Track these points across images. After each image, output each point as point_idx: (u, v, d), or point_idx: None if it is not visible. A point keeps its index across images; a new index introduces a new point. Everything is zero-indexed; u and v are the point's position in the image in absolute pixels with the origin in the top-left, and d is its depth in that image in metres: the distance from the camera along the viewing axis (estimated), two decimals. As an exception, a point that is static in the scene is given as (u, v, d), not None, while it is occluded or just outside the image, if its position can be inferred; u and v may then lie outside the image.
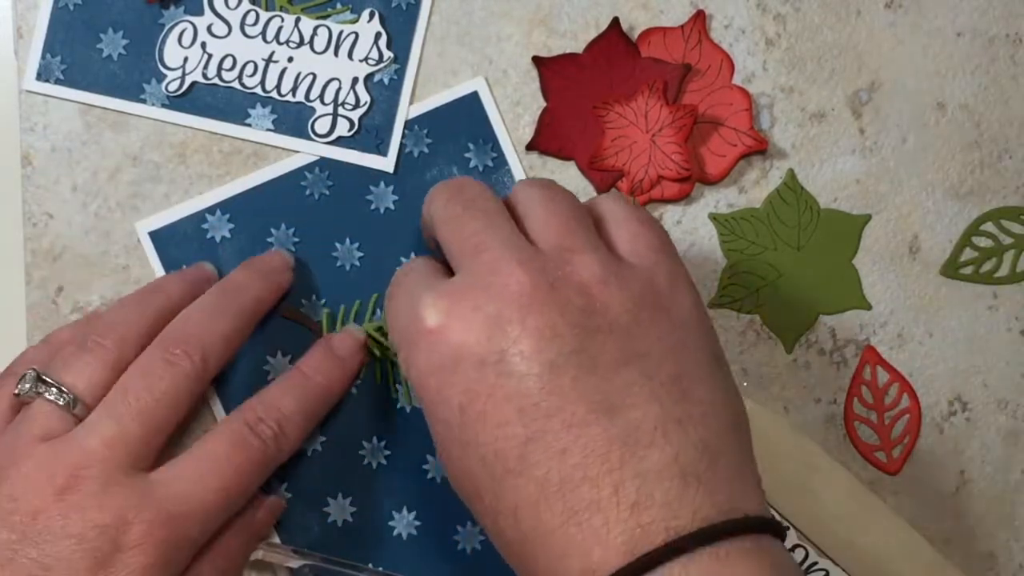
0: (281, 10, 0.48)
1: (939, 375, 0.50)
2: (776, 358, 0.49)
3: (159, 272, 0.48)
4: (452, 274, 0.40)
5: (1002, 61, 0.50)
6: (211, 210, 0.48)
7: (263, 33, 0.48)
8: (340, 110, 0.48)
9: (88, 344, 0.42)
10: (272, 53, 0.48)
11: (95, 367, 0.42)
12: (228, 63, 0.48)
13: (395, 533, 0.48)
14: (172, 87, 0.48)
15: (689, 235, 0.49)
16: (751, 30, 0.49)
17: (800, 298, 0.49)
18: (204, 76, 0.48)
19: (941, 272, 0.50)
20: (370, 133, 0.48)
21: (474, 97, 0.49)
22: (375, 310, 0.48)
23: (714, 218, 0.49)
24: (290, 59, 0.48)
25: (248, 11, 0.48)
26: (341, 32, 0.48)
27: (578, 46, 0.49)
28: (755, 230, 0.49)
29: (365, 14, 0.48)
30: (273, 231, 0.48)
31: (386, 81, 0.48)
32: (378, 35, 0.48)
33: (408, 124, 0.49)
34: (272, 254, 0.47)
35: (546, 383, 0.36)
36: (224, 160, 0.48)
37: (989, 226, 0.50)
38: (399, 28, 0.48)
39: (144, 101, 0.48)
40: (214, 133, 0.48)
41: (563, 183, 0.49)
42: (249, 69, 0.48)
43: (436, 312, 0.37)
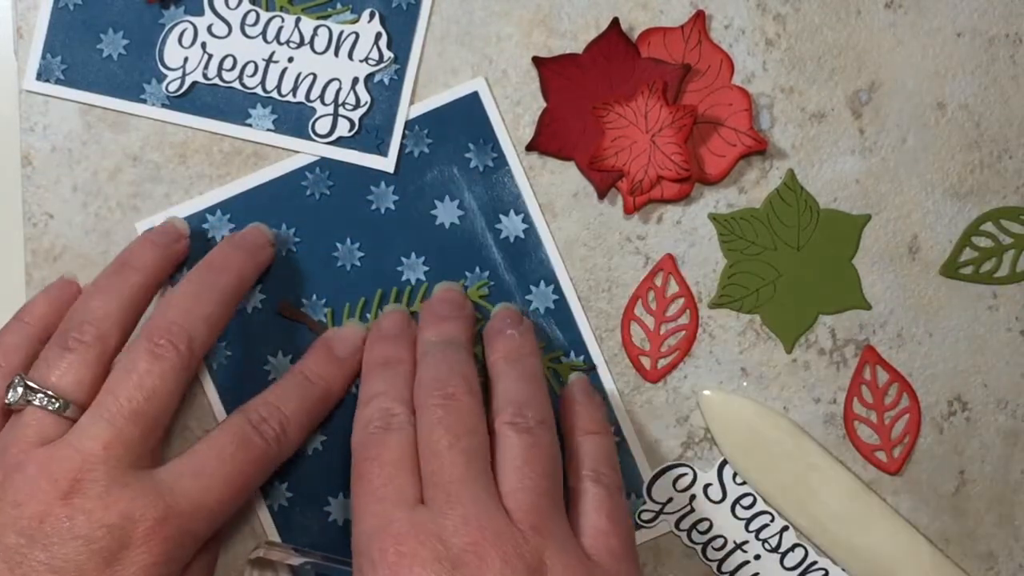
0: (281, 10, 0.48)
1: (939, 375, 0.50)
2: (776, 358, 0.50)
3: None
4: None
5: (1002, 61, 0.50)
6: (211, 210, 0.48)
7: (263, 33, 0.48)
8: (340, 110, 0.48)
9: (69, 343, 0.42)
10: (272, 53, 0.48)
11: (79, 366, 0.42)
12: (228, 63, 0.48)
13: None
14: (172, 87, 0.48)
15: (689, 235, 0.49)
16: (751, 30, 0.49)
17: (800, 298, 0.49)
18: (204, 76, 0.48)
19: (941, 272, 0.50)
20: (370, 133, 0.48)
21: (474, 97, 0.49)
22: (377, 309, 0.48)
23: (714, 218, 0.49)
24: (290, 59, 0.48)
25: (248, 11, 0.48)
26: (341, 32, 0.48)
27: (578, 46, 0.49)
28: (755, 230, 0.49)
29: (365, 14, 0.48)
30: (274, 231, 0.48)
31: (386, 81, 0.49)
32: (378, 35, 0.48)
33: (408, 124, 0.49)
34: (252, 229, 0.47)
35: None
36: (224, 160, 0.48)
37: (989, 226, 0.50)
38: (399, 28, 0.48)
39: (144, 101, 0.48)
40: (214, 133, 0.48)
41: (563, 183, 0.49)
42: (249, 69, 0.48)
43: (400, 545, 0.39)
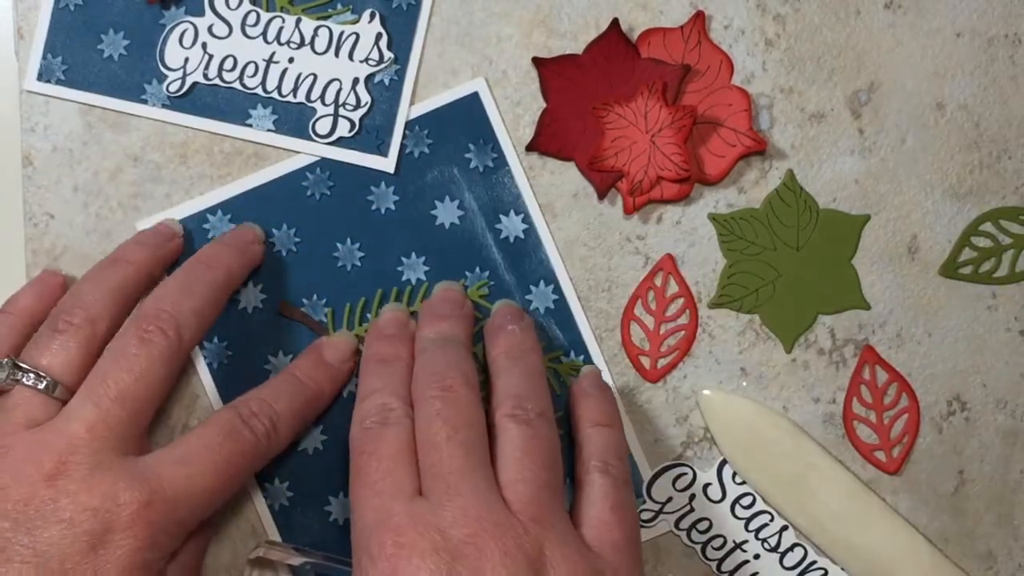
0: (282, 11, 0.48)
1: (938, 375, 0.50)
2: (775, 358, 0.50)
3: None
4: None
5: (1001, 62, 0.50)
6: (212, 210, 0.48)
7: (264, 34, 0.48)
8: (341, 111, 0.48)
9: (59, 325, 0.43)
10: (273, 54, 0.48)
11: (70, 347, 0.42)
12: (229, 64, 0.48)
13: None
14: (173, 87, 0.48)
15: (688, 235, 0.49)
16: (750, 31, 0.49)
17: (799, 298, 0.49)
18: (205, 76, 0.48)
19: (940, 272, 0.50)
20: (371, 134, 0.48)
21: (474, 98, 0.49)
22: (377, 309, 0.48)
23: (713, 218, 0.49)
24: (291, 60, 0.48)
25: (249, 12, 0.48)
26: (342, 33, 0.48)
27: (578, 47, 0.49)
28: (754, 230, 0.49)
29: (366, 15, 0.48)
30: (274, 231, 0.48)
31: (386, 82, 0.49)
32: (379, 36, 0.48)
33: (408, 124, 0.49)
34: (242, 227, 0.48)
35: None
36: (225, 160, 0.48)
37: (988, 226, 0.50)
38: (399, 29, 0.49)
39: (145, 101, 0.48)
40: (215, 133, 0.48)
41: (563, 184, 0.49)
42: (250, 70, 0.48)
43: (399, 537, 0.39)
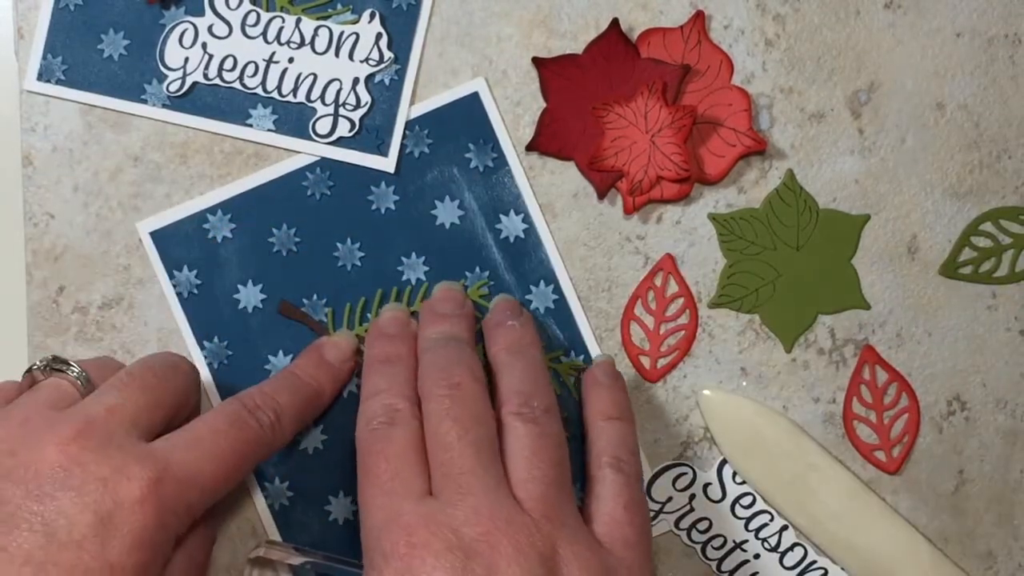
0: (282, 11, 0.48)
1: (938, 374, 0.50)
2: (775, 357, 0.50)
3: (160, 273, 0.48)
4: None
5: (1001, 61, 0.50)
6: (212, 210, 0.48)
7: (264, 34, 0.48)
8: (341, 111, 0.48)
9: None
10: (273, 54, 0.48)
11: (107, 367, 0.44)
12: (229, 63, 0.48)
13: None
14: (173, 87, 0.48)
15: (688, 235, 0.49)
16: (750, 30, 0.49)
17: (799, 298, 0.49)
18: (205, 76, 0.48)
19: (940, 272, 0.50)
20: (371, 134, 0.49)
21: (474, 98, 0.49)
22: (377, 309, 0.48)
23: (713, 218, 0.49)
24: (291, 60, 0.48)
25: (249, 12, 0.48)
26: (342, 33, 0.48)
27: (578, 47, 0.49)
28: (754, 230, 0.49)
29: (366, 15, 0.48)
30: (275, 231, 0.48)
31: (387, 82, 0.49)
32: (379, 36, 0.48)
33: (409, 124, 0.49)
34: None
35: None
36: (225, 160, 0.48)
37: (988, 226, 0.50)
38: (399, 29, 0.49)
39: (145, 101, 0.48)
40: (215, 133, 0.48)
41: (563, 184, 0.49)
42: (250, 70, 0.48)
43: (411, 536, 0.39)
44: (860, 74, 0.49)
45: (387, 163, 0.49)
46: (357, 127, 0.48)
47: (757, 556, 0.50)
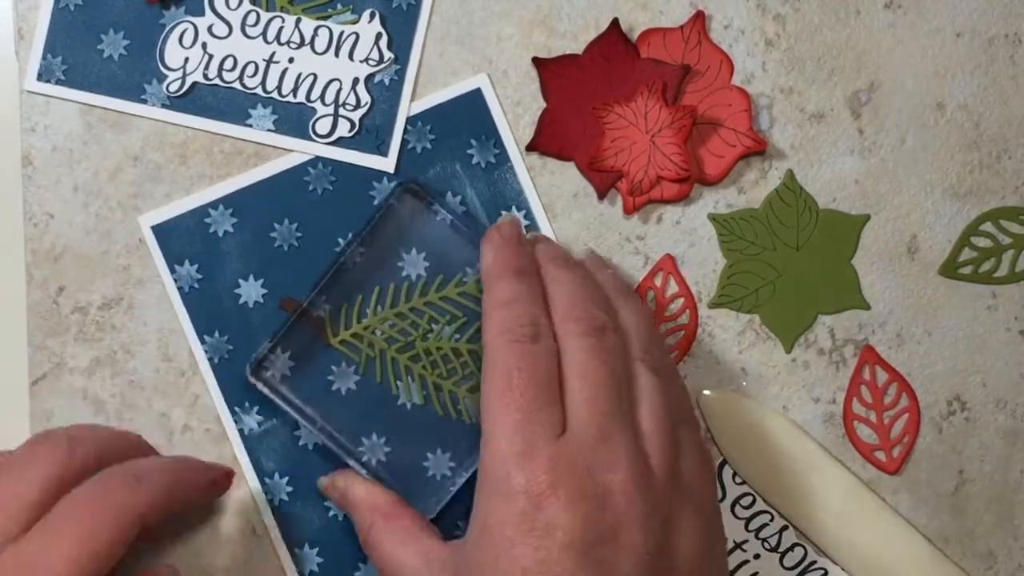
0: (282, 11, 0.48)
1: (938, 375, 0.50)
2: (775, 358, 0.50)
3: (162, 267, 0.48)
4: None
5: (1001, 61, 0.50)
6: (214, 205, 0.48)
7: (264, 34, 0.48)
8: (341, 111, 0.48)
9: None
10: (273, 54, 0.48)
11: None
12: (229, 63, 0.48)
13: None
14: (173, 87, 0.48)
15: (688, 235, 0.49)
16: (750, 30, 0.49)
17: (799, 298, 0.49)
18: (205, 76, 0.48)
19: (940, 272, 0.50)
20: (371, 134, 0.49)
21: (477, 94, 0.49)
22: (376, 305, 0.48)
23: (713, 218, 0.49)
24: (291, 60, 0.48)
25: (249, 11, 0.48)
26: (342, 33, 0.48)
27: (578, 47, 0.49)
28: (754, 230, 0.49)
29: (366, 15, 0.48)
30: (276, 226, 0.48)
31: (386, 82, 0.49)
32: (379, 36, 0.48)
33: (411, 120, 0.49)
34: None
35: None
36: (225, 160, 0.48)
37: (988, 226, 0.50)
38: (399, 29, 0.49)
39: (145, 101, 0.48)
40: (215, 133, 0.48)
41: (563, 184, 0.49)
42: (250, 70, 0.48)
43: (549, 474, 0.39)
44: (860, 74, 0.49)
45: (387, 163, 0.49)
46: (357, 127, 0.48)
47: (757, 556, 0.50)
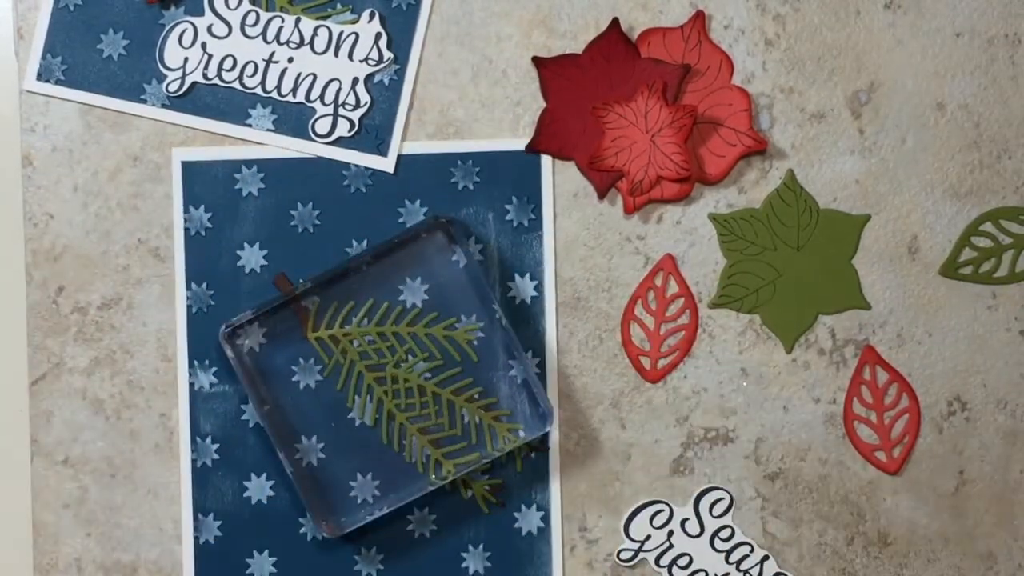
0: (281, 11, 0.48)
1: (938, 375, 0.50)
2: (776, 358, 0.50)
3: (177, 203, 0.48)
4: None
5: (1001, 61, 0.50)
6: (248, 164, 0.48)
7: (263, 33, 0.48)
8: (340, 110, 0.48)
9: None
10: (272, 53, 0.48)
11: None
12: (228, 63, 0.48)
13: (300, 532, 0.49)
14: (172, 87, 0.48)
15: (689, 235, 0.49)
16: (751, 30, 0.49)
17: (799, 298, 0.49)
18: (204, 76, 0.48)
19: (940, 272, 0.50)
20: (370, 133, 0.48)
21: (535, 158, 0.49)
22: (364, 318, 0.48)
23: (714, 218, 0.49)
24: (290, 59, 0.48)
25: (248, 12, 0.48)
26: (341, 32, 0.48)
27: (578, 47, 0.49)
28: (754, 230, 0.49)
29: (365, 15, 0.48)
30: (300, 206, 0.48)
31: (386, 81, 0.49)
32: (378, 35, 0.48)
33: (462, 157, 0.49)
34: None
35: None
36: (224, 160, 0.48)
37: (988, 226, 0.50)
38: (399, 28, 0.49)
39: (144, 101, 0.48)
40: (215, 133, 0.48)
41: (563, 184, 0.49)
42: (249, 69, 0.48)
43: None
44: (860, 74, 0.49)
45: (386, 163, 0.49)
46: (356, 127, 0.48)
47: None
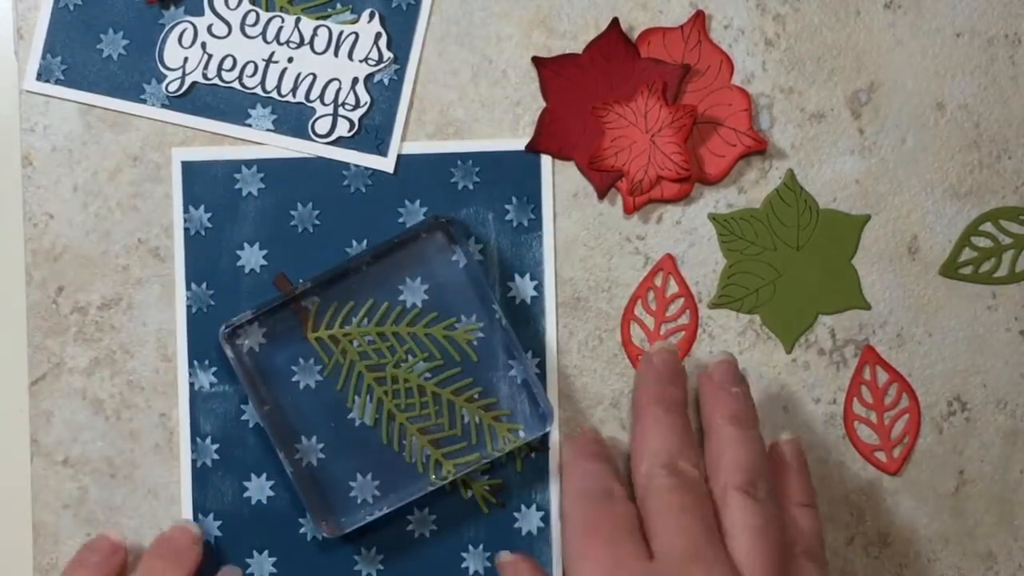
0: (281, 10, 0.48)
1: (938, 375, 0.50)
2: (776, 358, 0.50)
3: (177, 203, 0.48)
4: None
5: (1001, 61, 0.50)
6: (248, 163, 0.48)
7: (263, 33, 0.48)
8: (340, 110, 0.48)
9: None
10: (272, 53, 0.48)
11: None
12: (228, 63, 0.48)
13: (300, 532, 0.48)
14: (172, 87, 0.48)
15: (689, 235, 0.49)
16: (750, 30, 0.49)
17: (799, 298, 0.49)
18: (204, 76, 0.48)
19: (940, 272, 0.50)
20: (370, 133, 0.48)
21: (536, 157, 0.49)
22: (364, 318, 0.48)
23: (714, 218, 0.49)
24: (290, 59, 0.48)
25: (248, 11, 0.48)
26: (341, 32, 0.48)
27: (578, 46, 0.49)
28: (754, 230, 0.49)
29: (365, 14, 0.48)
30: (300, 206, 0.48)
31: (386, 81, 0.49)
32: (378, 35, 0.48)
33: (462, 157, 0.49)
34: (180, 531, 0.47)
35: None
36: (224, 160, 0.48)
37: (988, 226, 0.50)
38: (399, 28, 0.49)
39: (144, 101, 0.48)
40: (215, 133, 0.48)
41: (563, 184, 0.49)
42: (249, 69, 0.48)
43: None
44: (860, 74, 0.49)
45: (386, 163, 0.49)
46: (356, 127, 0.48)
47: None
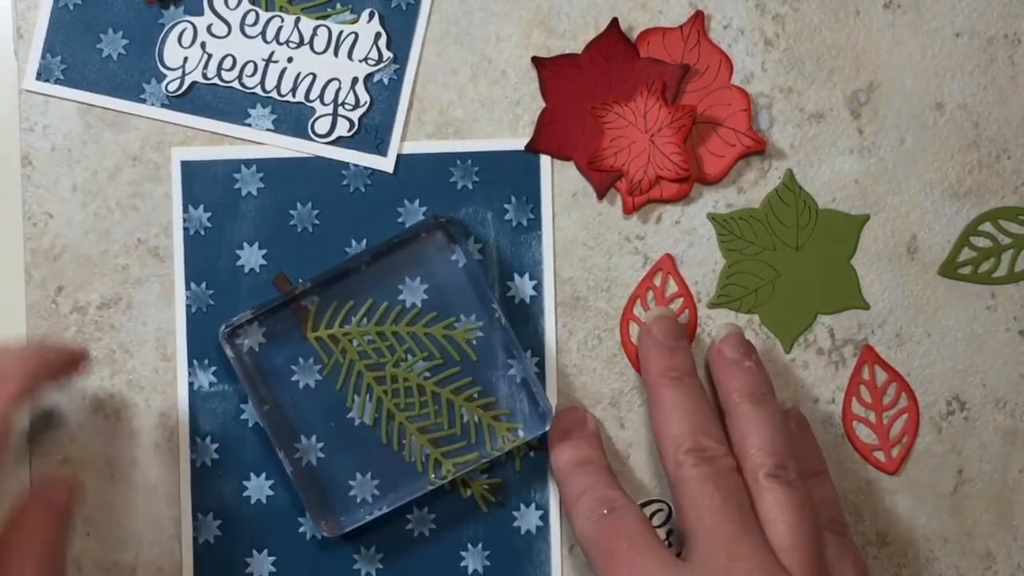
0: (281, 10, 0.48)
1: (937, 375, 0.50)
2: (775, 358, 0.50)
3: (176, 203, 0.48)
4: None
5: (1001, 61, 0.50)
6: (248, 163, 0.48)
7: (263, 33, 0.48)
8: (340, 110, 0.48)
9: None
10: (272, 53, 0.48)
11: None
12: (228, 63, 0.48)
13: (300, 531, 0.48)
14: (172, 87, 0.48)
15: (688, 235, 0.49)
16: (750, 30, 0.49)
17: (798, 298, 0.49)
18: (204, 76, 0.48)
19: (939, 272, 0.50)
20: (370, 133, 0.49)
21: (535, 157, 0.49)
22: (363, 318, 0.48)
23: (713, 218, 0.49)
24: (290, 59, 0.48)
25: (248, 11, 0.48)
26: (341, 32, 0.48)
27: (577, 46, 0.49)
28: (753, 230, 0.49)
29: (365, 14, 0.48)
30: (299, 205, 0.48)
31: (386, 81, 0.49)
32: (378, 35, 0.48)
33: (461, 156, 0.49)
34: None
35: None
36: (224, 160, 0.48)
37: (987, 226, 0.50)
38: (399, 28, 0.49)
39: (144, 101, 0.48)
40: (214, 133, 0.48)
41: (563, 184, 0.49)
42: (249, 69, 0.48)
43: None
44: (860, 74, 0.49)
45: (386, 163, 0.49)
46: (356, 127, 0.48)
47: None
